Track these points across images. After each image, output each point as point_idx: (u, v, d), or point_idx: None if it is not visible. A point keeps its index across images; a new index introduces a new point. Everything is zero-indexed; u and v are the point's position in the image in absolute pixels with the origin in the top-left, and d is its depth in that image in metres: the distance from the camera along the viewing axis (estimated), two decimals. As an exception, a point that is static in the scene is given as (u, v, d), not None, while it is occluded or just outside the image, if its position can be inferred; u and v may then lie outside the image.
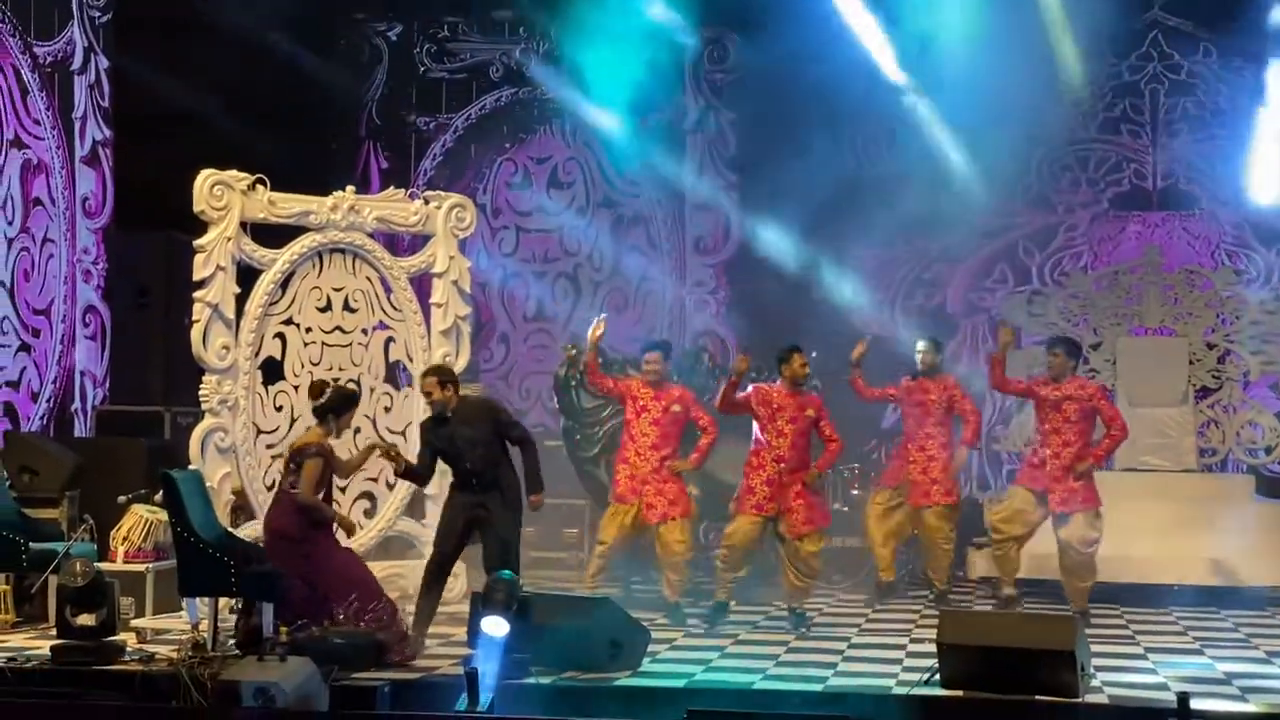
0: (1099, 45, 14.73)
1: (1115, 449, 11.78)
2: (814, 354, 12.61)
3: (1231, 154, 14.64)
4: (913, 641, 10.29)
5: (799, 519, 10.78)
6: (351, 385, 10.66)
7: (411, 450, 10.58)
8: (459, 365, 11.54)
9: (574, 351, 13.74)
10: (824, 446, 10.98)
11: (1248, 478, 13.75)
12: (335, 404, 9.66)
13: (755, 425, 10.97)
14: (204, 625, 9.42)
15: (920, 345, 12.20)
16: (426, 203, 11.59)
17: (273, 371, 10.84)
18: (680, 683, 8.83)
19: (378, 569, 11.07)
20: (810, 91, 14.68)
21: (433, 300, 11.55)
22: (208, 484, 10.08)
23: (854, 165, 15.14)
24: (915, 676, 8.76)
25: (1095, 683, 8.68)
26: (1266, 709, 8.15)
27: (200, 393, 10.52)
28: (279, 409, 10.79)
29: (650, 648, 9.50)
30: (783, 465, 10.79)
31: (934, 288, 15.14)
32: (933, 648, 8.66)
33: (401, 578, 11.18)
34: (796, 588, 10.89)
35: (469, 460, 10.00)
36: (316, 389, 9.77)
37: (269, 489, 10.63)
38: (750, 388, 11.06)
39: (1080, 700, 8.19)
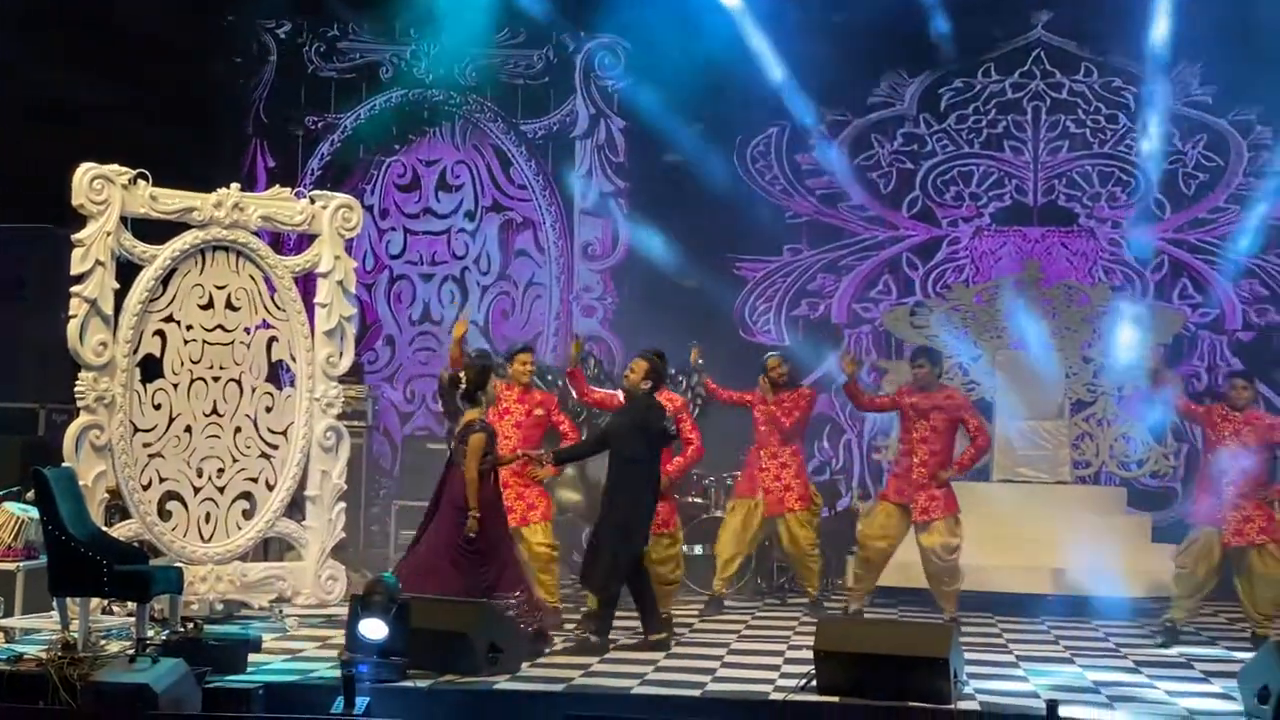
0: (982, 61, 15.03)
1: (979, 459, 11.96)
2: (701, 361, 12.74)
3: (1110, 172, 14.94)
4: (791, 648, 10.35)
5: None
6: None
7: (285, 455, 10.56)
8: (342, 366, 11.48)
9: (460, 354, 13.72)
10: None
11: (1120, 490, 14.03)
12: (476, 382, 9.99)
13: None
14: (75, 625, 9.27)
15: (772, 358, 12.25)
16: (312, 202, 11.50)
17: (152, 369, 10.68)
18: (559, 687, 8.83)
19: (257, 571, 11.03)
20: (700, 101, 14.79)
21: (317, 300, 11.46)
22: (81, 482, 9.91)
23: (742, 175, 15.26)
24: (793, 683, 8.82)
25: (968, 690, 8.79)
26: (1133, 718, 8.30)
27: (76, 389, 10.33)
28: (157, 407, 10.63)
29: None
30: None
31: (818, 298, 15.26)
32: (810, 654, 8.75)
33: (280, 580, 11.09)
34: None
35: (614, 447, 10.17)
36: (453, 380, 10.11)
37: (145, 488, 10.50)
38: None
39: (953, 707, 8.30)
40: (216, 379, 10.88)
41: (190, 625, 9.26)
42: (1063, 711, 7.48)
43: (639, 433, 10.12)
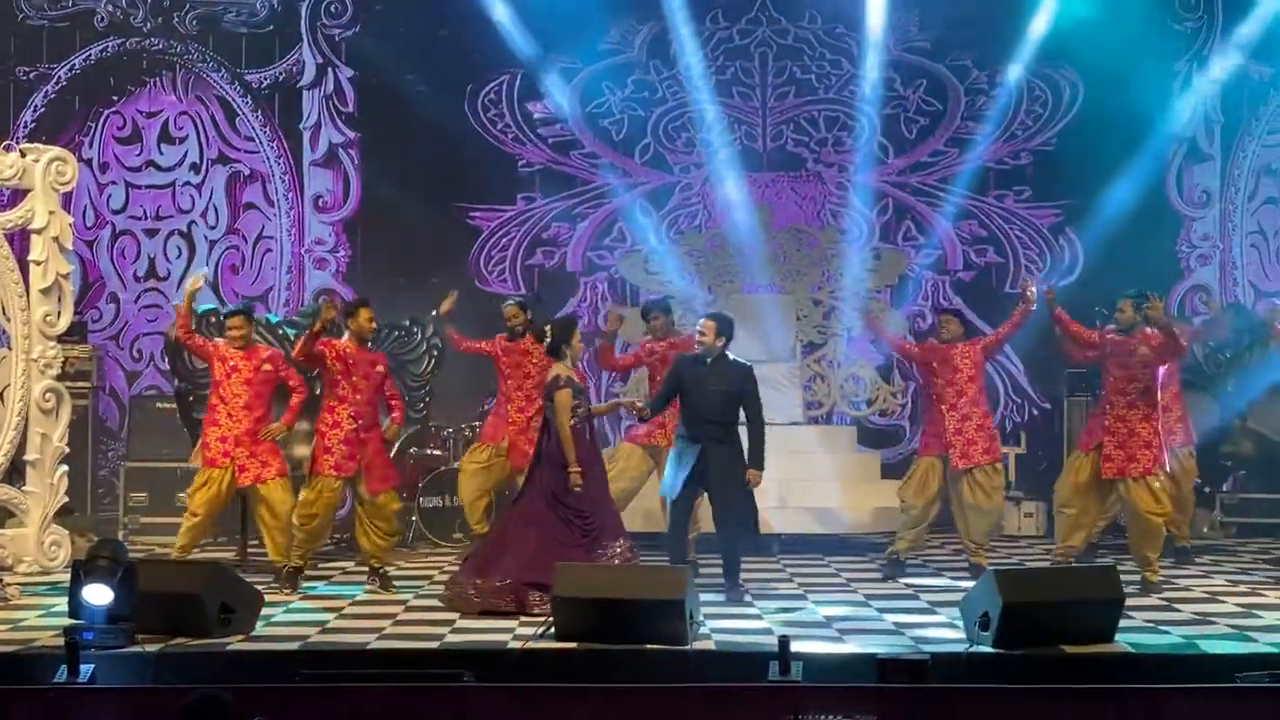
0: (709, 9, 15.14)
1: None
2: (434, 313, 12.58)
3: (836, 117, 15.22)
4: (531, 596, 10.36)
5: (377, 475, 10.73)
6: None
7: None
8: (61, 325, 11.12)
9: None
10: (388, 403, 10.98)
11: (850, 429, 14.38)
12: (560, 337, 10.09)
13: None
14: None
15: (509, 305, 12.13)
16: (23, 155, 11.07)
17: None
18: (294, 645, 8.70)
19: (-27, 540, 10.63)
20: (430, 50, 14.63)
21: (31, 257, 11.05)
22: None
23: (474, 123, 15.15)
24: (532, 631, 8.85)
25: (704, 630, 8.94)
26: (863, 649, 8.53)
27: None
28: None
29: (264, 611, 9.34)
30: (360, 422, 10.70)
31: (553, 247, 15.26)
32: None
33: (0, 548, 10.71)
34: (381, 547, 10.83)
35: (705, 409, 10.28)
36: (538, 336, 10.42)
37: None
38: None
39: (689, 648, 8.43)
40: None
41: (-98, 600, 8.88)
42: (795, 646, 7.63)
43: (728, 393, 10.32)
